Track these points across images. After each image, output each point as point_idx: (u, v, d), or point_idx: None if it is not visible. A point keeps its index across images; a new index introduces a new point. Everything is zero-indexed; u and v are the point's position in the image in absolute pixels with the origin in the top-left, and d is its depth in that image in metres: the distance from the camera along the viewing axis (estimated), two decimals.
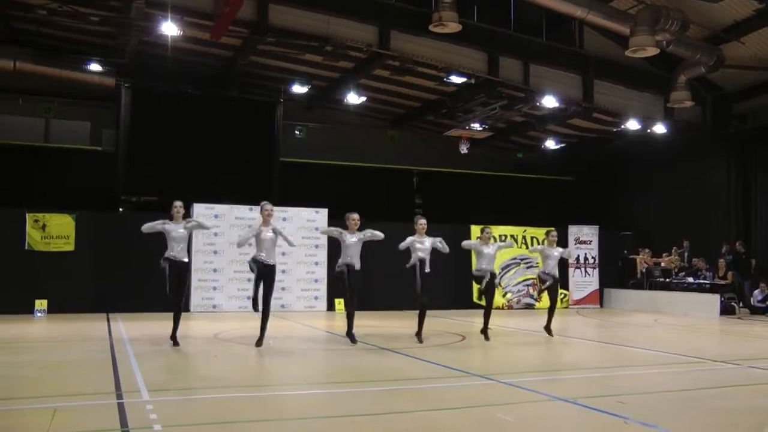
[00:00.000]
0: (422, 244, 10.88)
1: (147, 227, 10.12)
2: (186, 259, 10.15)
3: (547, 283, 12.11)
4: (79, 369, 8.33)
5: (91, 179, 19.05)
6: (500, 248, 12.12)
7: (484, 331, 11.56)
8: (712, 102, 19.87)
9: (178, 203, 10.31)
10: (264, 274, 10.07)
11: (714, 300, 17.19)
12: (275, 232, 10.29)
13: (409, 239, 10.92)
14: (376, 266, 13.91)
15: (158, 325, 12.75)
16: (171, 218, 10.20)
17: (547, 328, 12.08)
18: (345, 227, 10.77)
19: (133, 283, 15.80)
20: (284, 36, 16.09)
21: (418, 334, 11.04)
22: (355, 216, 10.77)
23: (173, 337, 10.16)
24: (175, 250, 9.96)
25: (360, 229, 10.78)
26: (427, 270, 10.81)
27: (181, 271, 10.11)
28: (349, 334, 10.63)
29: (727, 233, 19.40)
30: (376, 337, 11.66)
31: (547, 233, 12.71)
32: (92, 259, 16.02)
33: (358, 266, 10.54)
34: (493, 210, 21.58)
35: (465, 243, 12.26)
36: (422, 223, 11.08)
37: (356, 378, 8.10)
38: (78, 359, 9.11)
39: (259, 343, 10.12)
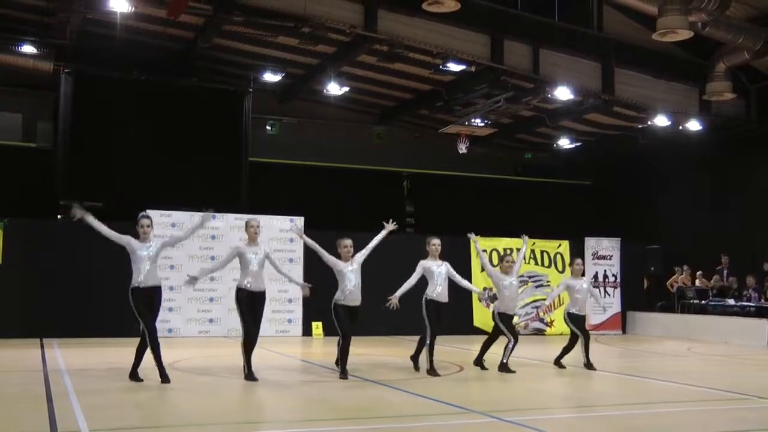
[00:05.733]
0: (440, 269, 10.95)
1: (111, 234, 9.62)
2: (155, 284, 9.78)
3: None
4: (7, 405, 8.18)
5: (23, 181, 18.89)
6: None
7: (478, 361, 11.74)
8: (757, 94, 19.96)
9: (146, 221, 9.73)
10: (251, 304, 10.07)
11: (761, 326, 17.21)
12: (266, 256, 10.26)
13: (422, 266, 10.95)
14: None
15: (102, 352, 12.64)
16: (136, 236, 9.72)
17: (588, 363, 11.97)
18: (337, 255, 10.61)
19: (73, 304, 15.62)
20: (254, 14, 16.04)
21: (431, 368, 10.96)
22: (347, 242, 10.55)
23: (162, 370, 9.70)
24: (142, 274, 9.60)
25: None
26: (446, 301, 10.96)
27: (151, 296, 9.76)
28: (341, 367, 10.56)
29: None
30: (362, 366, 11.59)
31: (572, 261, 12.69)
32: (23, 274, 15.82)
33: (357, 303, 10.52)
34: (496, 219, 21.54)
35: (488, 270, 12.07)
36: (436, 243, 11.07)
37: (337, 414, 8.04)
38: (5, 394, 8.96)
39: (248, 376, 10.07)
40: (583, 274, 12.56)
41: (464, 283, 11.40)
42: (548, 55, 18.20)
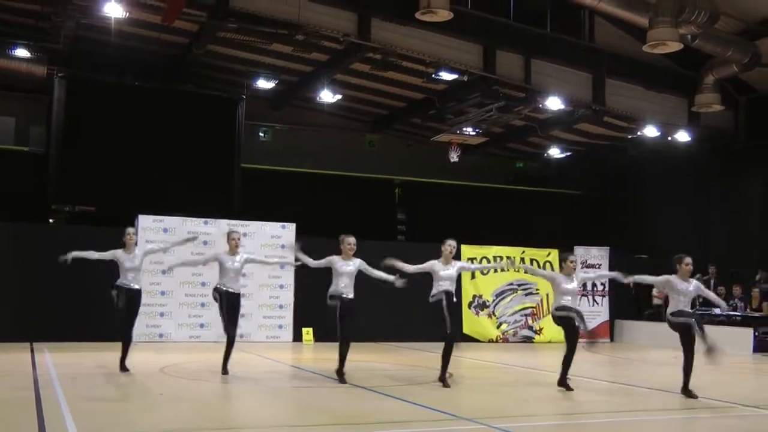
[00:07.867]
0: (447, 272, 10.84)
1: (100, 256, 11.20)
2: (138, 287, 11.28)
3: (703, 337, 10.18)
4: None
5: (15, 185, 18.77)
6: (583, 280, 11.78)
7: (563, 381, 10.63)
8: (746, 106, 20.07)
9: (131, 230, 11.41)
10: (228, 302, 11.06)
11: (746, 334, 17.30)
12: (246, 261, 11.38)
13: (431, 263, 10.90)
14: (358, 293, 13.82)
15: (93, 357, 12.60)
16: (123, 246, 11.18)
17: (686, 390, 10.33)
18: (338, 252, 10.81)
19: (63, 308, 15.59)
20: (248, 21, 16.04)
21: (443, 376, 10.70)
22: (351, 240, 10.84)
23: (122, 364, 11.10)
24: (128, 279, 11.15)
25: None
26: (454, 300, 10.87)
27: (134, 298, 11.22)
28: (339, 372, 10.59)
29: (762, 258, 19.45)
30: (354, 373, 11.57)
31: (680, 259, 10.63)
32: (14, 278, 15.78)
33: (351, 296, 10.72)
34: (487, 228, 21.57)
35: (542, 272, 11.74)
36: (451, 244, 11.05)
37: (328, 420, 8.05)
38: None
39: (224, 371, 10.96)
40: (692, 276, 10.67)
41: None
42: (540, 65, 18.25)
